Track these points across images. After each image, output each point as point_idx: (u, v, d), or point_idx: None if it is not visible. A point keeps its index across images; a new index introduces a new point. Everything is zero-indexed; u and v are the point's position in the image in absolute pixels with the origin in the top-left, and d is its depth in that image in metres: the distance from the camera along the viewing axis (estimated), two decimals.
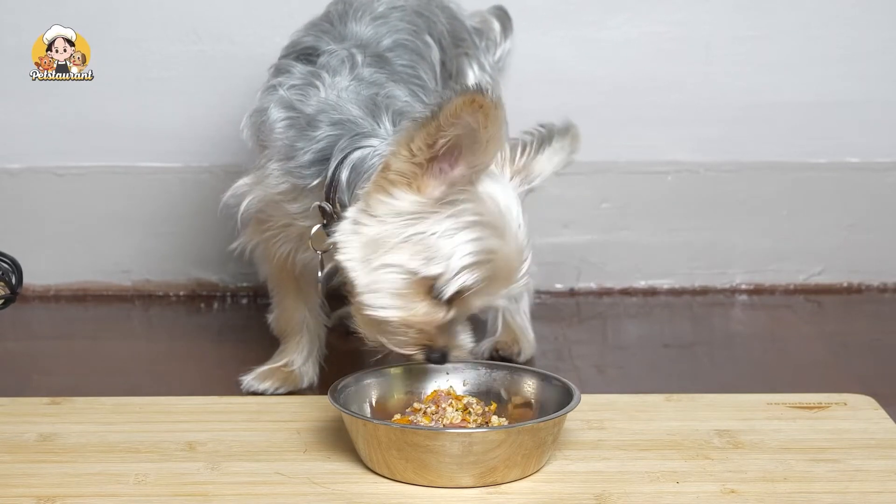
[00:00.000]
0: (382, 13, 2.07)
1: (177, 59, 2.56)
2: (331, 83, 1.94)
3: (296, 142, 1.92)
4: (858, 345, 2.40)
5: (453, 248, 1.77)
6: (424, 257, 1.78)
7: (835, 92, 2.61)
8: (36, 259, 2.56)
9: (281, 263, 2.09)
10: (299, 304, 2.15)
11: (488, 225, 1.78)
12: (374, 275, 1.81)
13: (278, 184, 1.95)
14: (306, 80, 1.96)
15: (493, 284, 1.80)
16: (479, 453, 1.72)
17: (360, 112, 1.90)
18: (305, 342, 2.16)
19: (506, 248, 1.79)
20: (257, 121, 1.99)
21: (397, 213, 1.79)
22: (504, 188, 1.83)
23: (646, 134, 2.62)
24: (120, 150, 2.59)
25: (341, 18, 2.06)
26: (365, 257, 1.81)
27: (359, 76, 1.95)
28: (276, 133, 1.95)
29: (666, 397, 2.04)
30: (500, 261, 1.79)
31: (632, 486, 1.76)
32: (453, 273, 1.77)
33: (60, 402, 2.02)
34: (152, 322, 2.55)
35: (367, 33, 2.03)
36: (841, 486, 1.76)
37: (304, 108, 1.93)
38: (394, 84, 1.96)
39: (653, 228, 2.64)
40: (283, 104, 1.95)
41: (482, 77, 2.26)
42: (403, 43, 2.05)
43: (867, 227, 2.65)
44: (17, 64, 2.28)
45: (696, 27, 2.58)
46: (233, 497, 1.73)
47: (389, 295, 1.81)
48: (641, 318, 2.55)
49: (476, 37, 2.28)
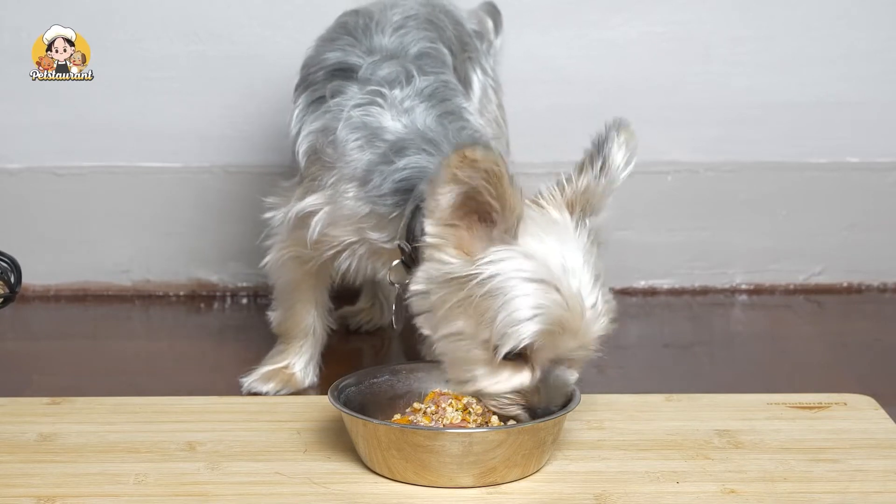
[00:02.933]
0: (400, 23, 2.06)
1: (177, 59, 2.56)
2: (392, 98, 1.92)
3: (375, 166, 1.89)
4: (858, 345, 2.40)
5: (495, 311, 1.72)
6: (474, 324, 1.75)
7: (835, 92, 2.61)
8: (36, 259, 2.56)
9: (313, 272, 2.08)
10: (309, 308, 2.14)
11: (534, 280, 1.72)
12: (443, 344, 1.79)
13: (357, 206, 1.92)
14: (369, 99, 1.93)
15: (557, 338, 1.74)
16: (479, 453, 1.72)
17: (449, 148, 1.84)
18: (308, 346, 2.15)
19: (557, 299, 1.72)
20: (321, 140, 1.95)
21: (446, 277, 1.75)
22: (555, 235, 1.76)
23: (646, 134, 2.60)
24: (120, 150, 2.59)
25: (365, 31, 2.04)
26: (433, 324, 1.79)
27: (418, 89, 1.94)
28: (348, 154, 1.91)
29: (666, 397, 2.04)
30: (554, 313, 1.72)
31: (632, 486, 1.76)
32: (499, 336, 1.72)
33: (60, 402, 2.02)
34: (152, 322, 2.55)
35: (394, 44, 2.02)
36: (841, 486, 1.76)
37: (381, 132, 1.90)
38: (451, 93, 1.95)
39: (653, 228, 2.64)
40: (353, 125, 1.92)
41: (486, 81, 2.25)
42: (427, 51, 2.04)
43: (867, 227, 2.65)
44: (17, 64, 2.29)
45: (696, 27, 2.58)
46: (233, 497, 1.73)
47: (463, 364, 1.79)
48: (641, 318, 2.55)
49: (477, 40, 2.28)
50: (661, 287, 2.65)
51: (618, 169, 1.81)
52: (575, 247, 1.76)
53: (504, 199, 1.70)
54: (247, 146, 2.59)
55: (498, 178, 1.68)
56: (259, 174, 2.57)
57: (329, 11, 2.15)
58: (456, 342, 1.77)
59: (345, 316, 2.42)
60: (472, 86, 2.22)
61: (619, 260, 2.64)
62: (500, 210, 1.71)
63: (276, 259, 2.08)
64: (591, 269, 1.76)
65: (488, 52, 2.33)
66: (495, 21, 2.41)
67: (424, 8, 2.15)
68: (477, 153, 1.67)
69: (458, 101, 1.97)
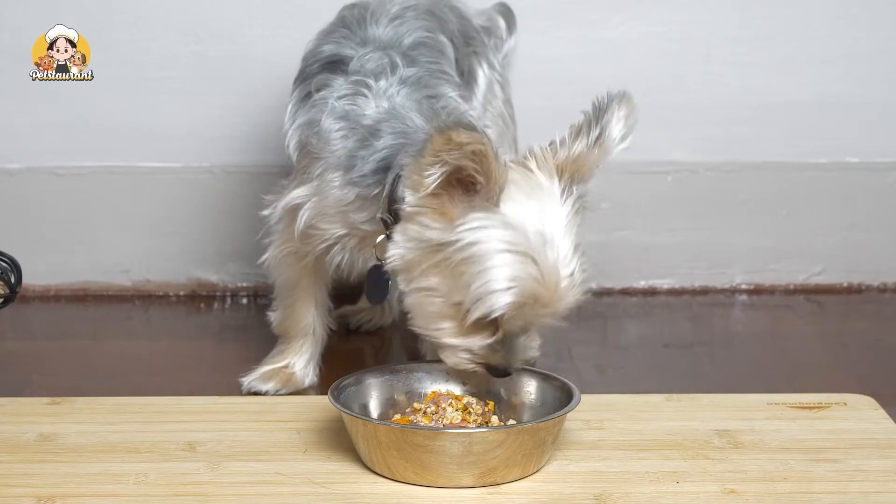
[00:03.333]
0: (398, 13, 2.06)
1: (177, 59, 2.56)
2: (378, 89, 1.93)
3: (356, 151, 1.90)
4: (858, 345, 2.40)
5: (471, 277, 1.73)
6: (448, 285, 1.76)
7: (835, 92, 2.61)
8: (36, 259, 2.56)
9: (311, 269, 2.08)
10: (310, 307, 2.14)
11: (511, 251, 1.73)
12: (414, 296, 1.81)
13: (343, 194, 1.93)
14: (353, 90, 1.94)
15: (529, 308, 1.76)
16: (479, 453, 1.72)
17: (421, 121, 1.88)
18: (308, 345, 2.15)
19: (533, 272, 1.73)
20: (307, 133, 1.96)
21: (425, 241, 1.77)
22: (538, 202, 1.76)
23: (646, 134, 2.60)
24: (120, 150, 2.59)
25: (359, 23, 2.04)
26: (407, 279, 1.80)
27: (402, 78, 1.94)
28: (332, 144, 1.92)
29: (666, 397, 2.04)
30: (528, 286, 1.74)
31: (632, 486, 1.76)
32: (472, 302, 1.74)
33: (60, 402, 2.02)
34: (152, 322, 2.55)
35: (388, 34, 2.02)
36: (841, 486, 1.76)
37: (361, 119, 1.91)
38: (438, 81, 1.95)
39: (653, 228, 2.64)
40: (336, 115, 1.93)
41: (492, 76, 2.25)
42: (423, 41, 2.04)
43: (867, 227, 2.65)
44: (17, 64, 2.28)
45: (696, 27, 2.58)
46: (233, 497, 1.73)
47: (431, 317, 1.80)
48: (641, 318, 2.55)
49: (484, 35, 2.28)
50: (661, 287, 2.65)
51: (613, 142, 1.80)
52: (557, 215, 1.76)
53: (489, 174, 1.71)
54: (247, 146, 2.59)
55: (484, 156, 1.69)
56: (259, 174, 2.57)
57: (329, 11, 2.16)
58: (428, 297, 1.79)
59: (345, 315, 2.42)
60: (477, 80, 2.22)
61: (619, 260, 2.65)
62: (484, 182, 1.72)
63: (274, 256, 2.08)
64: (572, 238, 1.77)
65: (497, 49, 2.33)
66: (508, 21, 2.40)
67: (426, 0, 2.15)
68: (462, 136, 1.67)
69: (443, 89, 1.96)
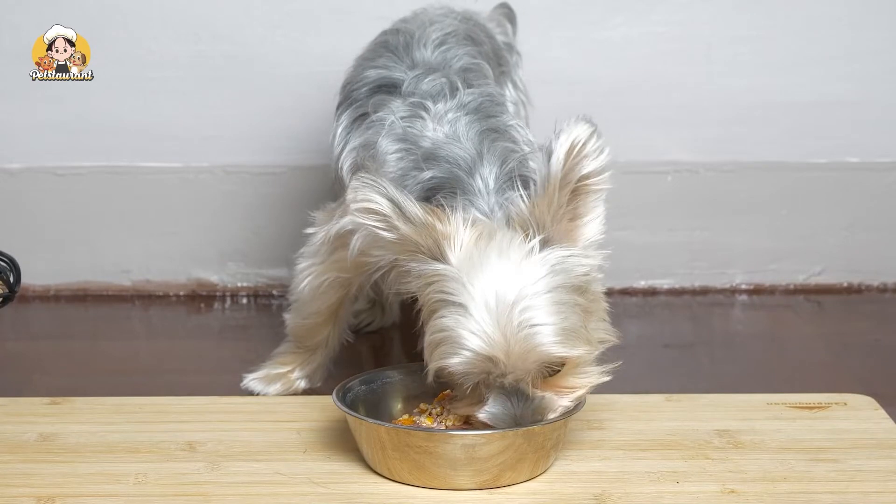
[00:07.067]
0: (441, 39, 2.03)
1: (177, 59, 2.56)
2: (436, 112, 1.88)
3: (409, 172, 1.84)
4: (858, 345, 2.40)
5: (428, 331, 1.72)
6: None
7: (835, 92, 2.61)
8: (36, 259, 2.56)
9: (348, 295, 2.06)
10: (329, 323, 2.10)
11: (454, 304, 1.69)
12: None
13: None
14: (411, 111, 1.89)
15: (480, 367, 1.69)
16: (478, 457, 1.72)
17: (470, 154, 1.82)
18: (319, 355, 2.12)
19: (474, 328, 1.67)
20: (363, 155, 1.91)
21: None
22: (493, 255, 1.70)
23: (646, 134, 2.62)
24: (120, 150, 2.59)
25: (406, 48, 2.01)
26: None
27: (462, 103, 1.89)
28: (387, 165, 1.87)
29: (666, 397, 2.04)
30: (470, 344, 1.68)
31: (632, 486, 1.76)
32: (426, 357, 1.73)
33: (60, 402, 2.02)
34: (152, 322, 2.55)
35: (437, 59, 1.99)
36: (841, 486, 1.76)
37: (420, 140, 1.86)
38: (499, 109, 1.91)
39: (653, 228, 2.64)
40: (394, 136, 1.88)
41: (517, 96, 2.24)
42: (470, 67, 2.01)
43: (867, 227, 2.65)
44: (17, 64, 2.29)
45: (696, 27, 2.58)
46: (233, 497, 1.73)
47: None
48: (641, 318, 2.55)
49: (508, 53, 2.26)
50: (661, 287, 2.66)
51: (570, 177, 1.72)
52: (511, 268, 1.70)
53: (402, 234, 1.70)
54: (247, 146, 2.59)
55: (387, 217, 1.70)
56: (259, 174, 2.57)
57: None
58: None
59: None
60: (505, 102, 2.19)
61: (619, 260, 2.64)
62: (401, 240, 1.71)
63: (317, 285, 2.03)
64: (532, 290, 1.68)
65: (517, 66, 2.31)
66: (512, 23, 2.39)
67: (463, 24, 2.13)
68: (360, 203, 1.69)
69: (504, 119, 1.90)
